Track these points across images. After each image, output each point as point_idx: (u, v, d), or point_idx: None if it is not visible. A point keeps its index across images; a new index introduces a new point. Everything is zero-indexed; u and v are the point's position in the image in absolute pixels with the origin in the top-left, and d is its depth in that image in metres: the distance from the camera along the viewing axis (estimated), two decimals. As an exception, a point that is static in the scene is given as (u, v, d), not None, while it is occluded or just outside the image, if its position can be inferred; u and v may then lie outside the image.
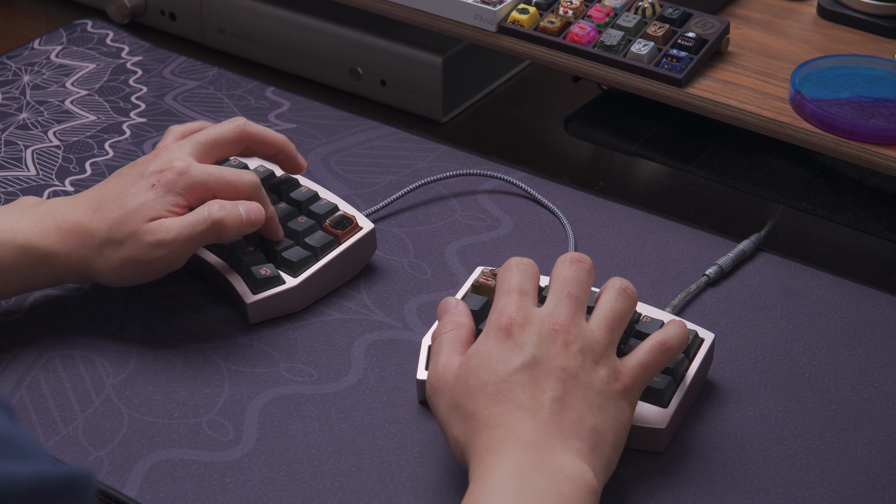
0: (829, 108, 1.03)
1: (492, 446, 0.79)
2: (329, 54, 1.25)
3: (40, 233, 0.93)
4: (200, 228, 0.93)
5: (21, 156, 1.14)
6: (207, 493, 0.86)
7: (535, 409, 0.80)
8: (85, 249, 0.93)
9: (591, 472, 0.79)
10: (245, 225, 0.95)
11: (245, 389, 0.93)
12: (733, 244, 1.05)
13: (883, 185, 1.10)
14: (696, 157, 1.13)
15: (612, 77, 1.09)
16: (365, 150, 1.15)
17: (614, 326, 0.84)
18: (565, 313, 0.83)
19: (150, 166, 0.95)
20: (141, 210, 0.93)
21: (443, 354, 0.85)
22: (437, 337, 0.86)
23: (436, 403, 0.83)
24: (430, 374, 0.84)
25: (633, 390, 0.83)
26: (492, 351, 0.82)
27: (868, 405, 0.92)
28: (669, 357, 0.85)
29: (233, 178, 0.96)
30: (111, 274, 0.94)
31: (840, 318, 0.99)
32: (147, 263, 0.93)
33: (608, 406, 0.82)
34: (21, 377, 0.93)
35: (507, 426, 0.79)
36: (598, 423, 0.81)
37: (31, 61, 1.26)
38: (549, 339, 0.82)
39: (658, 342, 0.85)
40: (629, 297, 0.86)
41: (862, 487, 0.86)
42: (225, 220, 0.93)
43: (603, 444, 0.80)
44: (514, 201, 1.10)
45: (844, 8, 1.15)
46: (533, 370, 0.81)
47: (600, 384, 0.82)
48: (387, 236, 1.06)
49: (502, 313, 0.84)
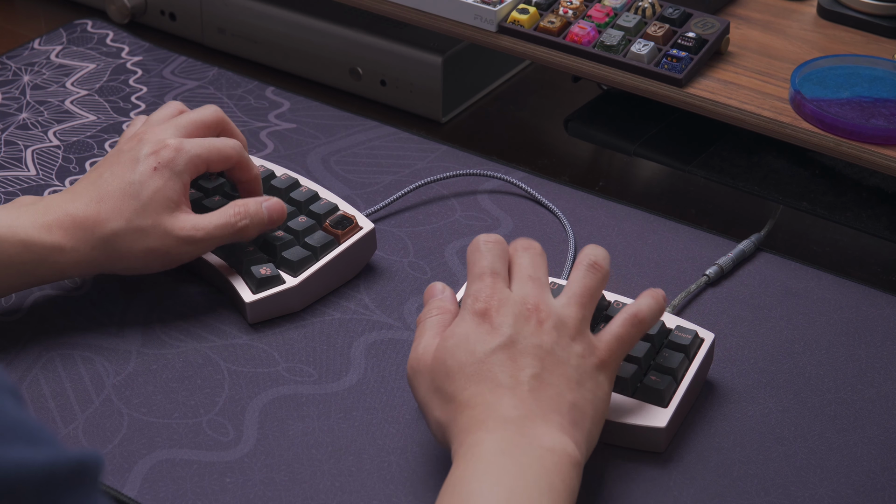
0: (829, 108, 1.03)
1: (473, 425, 0.80)
2: (329, 54, 1.25)
3: (42, 228, 0.93)
4: (229, 232, 0.97)
5: (21, 156, 1.14)
6: (207, 493, 0.86)
7: (514, 386, 0.81)
8: (95, 241, 0.94)
9: (573, 444, 0.80)
10: (269, 226, 0.99)
11: (245, 389, 0.93)
12: (733, 244, 1.05)
13: (883, 185, 1.10)
14: (696, 157, 1.13)
15: (612, 77, 1.09)
16: (365, 150, 1.15)
17: (585, 302, 0.85)
18: (534, 293, 0.85)
19: (143, 149, 0.96)
20: (156, 198, 0.95)
21: (425, 337, 0.85)
22: (421, 321, 0.87)
23: (415, 385, 0.84)
24: (411, 357, 0.85)
25: (610, 364, 0.84)
26: (469, 333, 0.83)
27: (868, 405, 0.92)
28: (643, 329, 0.86)
29: (222, 145, 0.99)
30: (132, 262, 0.96)
31: (840, 318, 0.99)
32: (174, 255, 0.96)
33: (585, 381, 0.82)
34: (21, 377, 0.93)
35: (487, 405, 0.80)
36: (576, 398, 0.81)
37: (31, 61, 1.26)
38: (523, 319, 0.83)
39: (631, 314, 0.85)
40: (599, 272, 0.87)
41: (862, 487, 0.86)
42: (249, 226, 0.97)
43: (583, 418, 0.81)
44: (514, 201, 1.10)
45: (844, 8, 1.15)
46: (510, 349, 0.82)
47: (576, 359, 0.83)
48: (387, 236, 1.06)
49: (477, 298, 0.84)
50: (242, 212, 0.97)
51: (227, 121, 1.02)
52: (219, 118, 1.01)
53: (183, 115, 1.00)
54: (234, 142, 0.99)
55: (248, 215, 0.97)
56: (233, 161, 0.99)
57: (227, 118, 1.02)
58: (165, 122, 1.00)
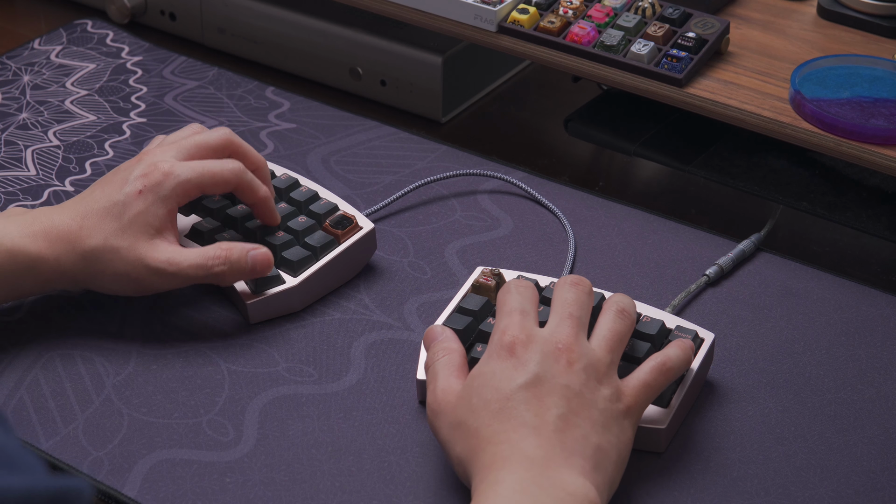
0: (829, 108, 1.03)
1: (495, 463, 0.79)
2: (329, 54, 1.25)
3: (27, 238, 0.93)
4: (203, 273, 0.95)
5: (21, 156, 1.14)
6: (207, 493, 0.86)
7: (538, 426, 0.80)
8: (75, 256, 0.94)
9: (595, 489, 0.78)
10: (250, 276, 0.96)
11: (245, 389, 0.93)
12: (733, 244, 1.05)
13: (883, 185, 1.10)
14: (696, 157, 1.13)
15: (612, 77, 1.09)
16: (365, 150, 1.15)
17: (614, 347, 0.85)
18: (568, 332, 0.84)
19: (135, 171, 0.96)
20: (137, 221, 0.94)
21: (440, 379, 0.85)
22: (430, 365, 0.87)
23: (437, 426, 0.83)
24: (430, 400, 0.84)
25: (635, 410, 0.84)
26: (494, 370, 0.82)
27: (868, 405, 0.92)
28: (670, 377, 0.86)
29: (217, 168, 0.96)
30: (107, 282, 0.95)
31: (840, 318, 0.99)
32: (145, 284, 0.95)
33: (611, 425, 0.82)
34: (21, 377, 0.93)
35: (510, 443, 0.79)
36: (601, 442, 0.80)
37: (31, 61, 1.26)
38: (552, 358, 0.82)
39: (659, 363, 0.85)
40: (627, 318, 0.87)
41: (862, 487, 0.86)
42: (226, 273, 0.95)
43: (606, 462, 0.80)
44: (514, 201, 1.10)
45: (844, 8, 1.15)
46: (536, 388, 0.81)
47: (603, 402, 0.82)
48: (387, 236, 1.06)
49: (505, 332, 0.84)
50: (223, 257, 0.95)
51: (238, 143, 0.99)
52: (226, 141, 0.99)
53: (189, 137, 0.99)
54: (233, 164, 0.97)
55: (227, 261, 0.95)
56: (231, 184, 0.97)
57: (239, 140, 0.99)
58: (172, 144, 0.98)
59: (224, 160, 0.97)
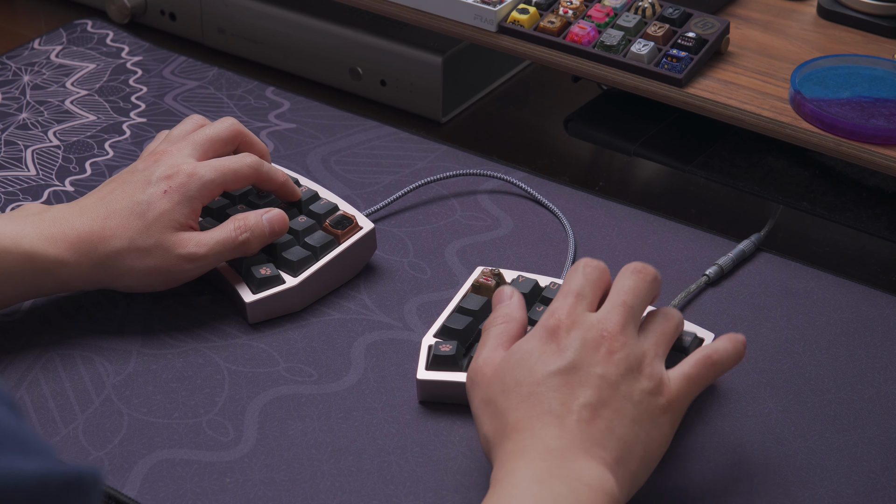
0: (829, 108, 1.03)
1: (515, 451, 0.78)
2: (329, 54, 1.25)
3: (46, 241, 0.93)
4: (231, 246, 0.96)
5: (21, 156, 1.14)
6: (207, 493, 0.86)
7: (562, 414, 0.79)
8: (100, 257, 0.94)
9: (614, 481, 0.77)
10: (270, 238, 0.98)
11: (245, 389, 0.93)
12: (733, 244, 1.05)
13: (883, 185, 1.10)
14: (696, 157, 1.13)
15: (612, 77, 1.09)
16: (365, 150, 1.15)
17: (661, 342, 0.83)
18: (616, 320, 0.82)
19: (157, 171, 0.96)
20: (162, 219, 0.95)
21: (487, 347, 0.84)
22: (486, 328, 0.86)
23: (471, 396, 0.83)
24: (471, 366, 0.84)
25: (676, 406, 0.82)
26: (533, 350, 0.82)
27: (868, 405, 0.92)
28: (717, 372, 0.83)
29: (237, 165, 0.98)
30: (134, 280, 0.95)
31: (840, 318, 0.99)
32: (175, 274, 0.96)
33: (643, 420, 0.80)
34: (21, 377, 0.93)
35: (532, 431, 0.79)
36: (627, 435, 0.79)
37: (31, 61, 1.26)
38: (592, 346, 0.81)
39: (705, 356, 0.83)
40: (674, 318, 0.85)
41: (862, 487, 0.86)
42: (251, 239, 0.97)
43: (630, 456, 0.79)
44: (514, 201, 1.10)
45: (844, 8, 1.15)
46: (569, 375, 0.80)
47: (640, 395, 0.80)
48: (387, 236, 1.06)
49: (552, 314, 0.83)
50: (242, 226, 0.97)
51: (245, 133, 1.01)
52: (235, 132, 1.00)
53: (200, 132, 0.99)
54: (250, 158, 0.98)
55: (248, 228, 0.97)
56: (251, 179, 0.98)
57: (245, 130, 1.01)
58: (183, 140, 0.99)
59: (240, 156, 0.99)
